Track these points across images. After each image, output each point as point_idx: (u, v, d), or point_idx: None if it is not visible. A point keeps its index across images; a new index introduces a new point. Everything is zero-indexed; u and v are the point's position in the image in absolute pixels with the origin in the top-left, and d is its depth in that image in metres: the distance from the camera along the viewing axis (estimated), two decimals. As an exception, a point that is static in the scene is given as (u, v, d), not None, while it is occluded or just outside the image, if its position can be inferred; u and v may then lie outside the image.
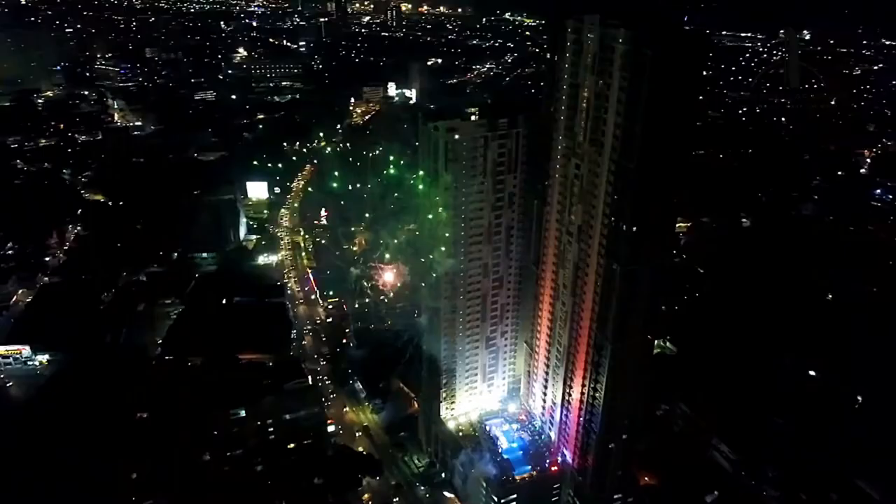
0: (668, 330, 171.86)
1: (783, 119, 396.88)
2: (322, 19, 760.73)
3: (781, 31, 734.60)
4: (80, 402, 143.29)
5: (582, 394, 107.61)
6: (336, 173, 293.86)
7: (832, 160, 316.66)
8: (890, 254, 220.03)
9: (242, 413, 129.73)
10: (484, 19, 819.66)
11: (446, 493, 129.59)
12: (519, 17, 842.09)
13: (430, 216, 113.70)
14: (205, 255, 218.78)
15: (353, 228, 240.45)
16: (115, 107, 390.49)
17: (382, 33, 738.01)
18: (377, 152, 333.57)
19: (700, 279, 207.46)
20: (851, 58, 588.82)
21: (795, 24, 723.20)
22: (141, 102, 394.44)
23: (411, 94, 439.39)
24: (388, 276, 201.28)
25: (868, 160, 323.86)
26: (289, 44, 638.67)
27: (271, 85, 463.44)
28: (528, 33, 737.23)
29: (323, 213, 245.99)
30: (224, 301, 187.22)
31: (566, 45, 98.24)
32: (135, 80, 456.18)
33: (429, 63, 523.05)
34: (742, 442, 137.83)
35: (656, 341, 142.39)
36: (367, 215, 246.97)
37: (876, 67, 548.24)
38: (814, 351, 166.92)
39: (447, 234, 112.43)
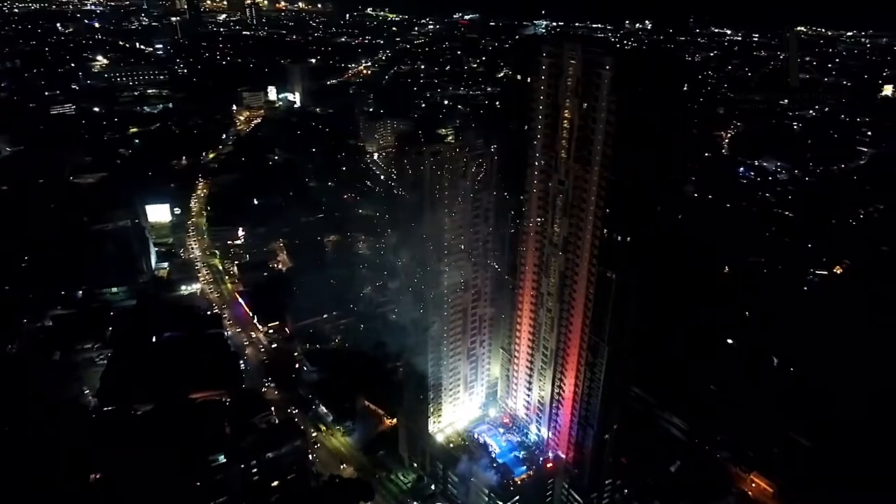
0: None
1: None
2: (174, 18, 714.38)
3: (626, 22, 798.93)
4: (17, 471, 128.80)
5: (575, 392, 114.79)
6: (236, 188, 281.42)
7: (698, 143, 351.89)
8: (765, 227, 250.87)
9: (222, 458, 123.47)
10: (347, 15, 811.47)
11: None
12: (381, 13, 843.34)
13: (414, 238, 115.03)
14: (115, 289, 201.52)
15: (271, 246, 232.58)
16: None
17: (244, 32, 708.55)
18: (276, 161, 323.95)
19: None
20: (690, 45, 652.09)
21: (637, 16, 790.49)
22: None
23: (295, 97, 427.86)
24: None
25: (726, 141, 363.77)
26: (143, 47, 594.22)
27: (136, 94, 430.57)
28: (394, 29, 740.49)
29: (241, 232, 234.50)
30: (154, 339, 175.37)
31: (541, 69, 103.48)
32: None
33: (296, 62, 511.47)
34: (690, 413, 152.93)
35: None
36: (285, 230, 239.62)
37: (712, 54, 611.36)
38: (726, 321, 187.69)
39: (432, 255, 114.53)
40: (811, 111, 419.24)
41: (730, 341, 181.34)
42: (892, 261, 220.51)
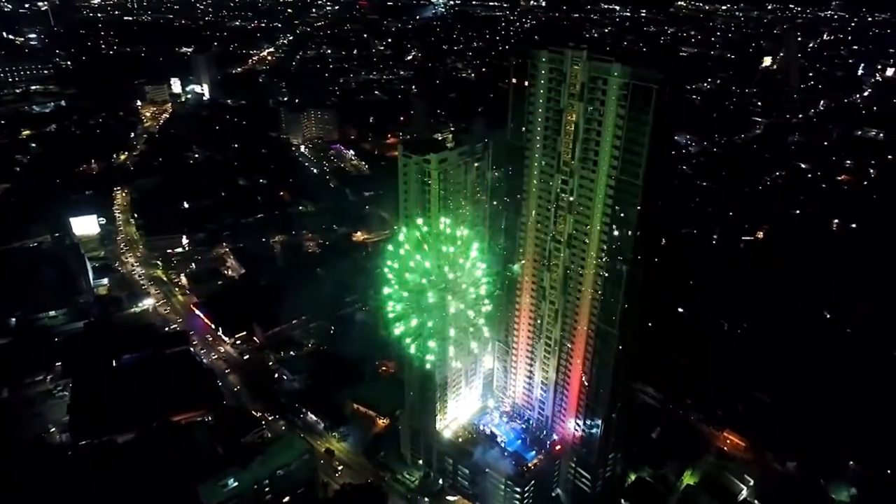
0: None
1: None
2: (41, 3, 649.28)
3: (522, 0, 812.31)
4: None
5: (582, 377, 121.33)
6: (161, 192, 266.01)
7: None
8: (689, 199, 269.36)
9: (232, 481, 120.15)
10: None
11: (450, 498, 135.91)
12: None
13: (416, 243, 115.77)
14: (53, 313, 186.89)
15: (217, 252, 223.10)
16: None
17: (125, 18, 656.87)
18: (196, 160, 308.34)
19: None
20: (586, 23, 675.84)
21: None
22: None
23: (203, 89, 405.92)
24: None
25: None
26: (12, 37, 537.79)
27: (18, 91, 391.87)
28: (290, 11, 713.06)
29: (185, 240, 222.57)
30: (115, 362, 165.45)
31: (540, 73, 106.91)
32: None
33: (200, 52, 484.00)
34: (660, 383, 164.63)
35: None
36: (226, 234, 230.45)
37: (607, 31, 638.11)
38: (675, 292, 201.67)
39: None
40: (705, 84, 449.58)
41: (680, 310, 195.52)
42: (802, 223, 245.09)
